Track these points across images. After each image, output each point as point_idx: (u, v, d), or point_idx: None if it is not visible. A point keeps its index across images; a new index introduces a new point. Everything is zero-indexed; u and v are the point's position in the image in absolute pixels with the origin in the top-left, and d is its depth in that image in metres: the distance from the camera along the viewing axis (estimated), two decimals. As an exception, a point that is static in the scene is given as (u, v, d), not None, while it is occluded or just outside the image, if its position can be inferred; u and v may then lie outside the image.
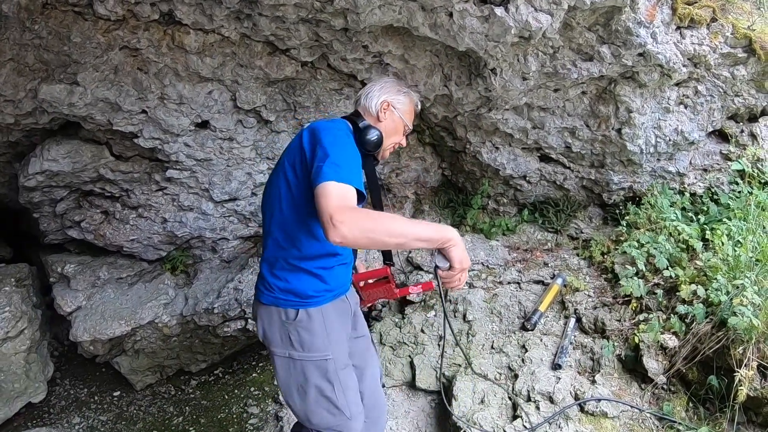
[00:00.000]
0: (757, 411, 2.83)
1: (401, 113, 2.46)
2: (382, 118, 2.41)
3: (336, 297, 2.34)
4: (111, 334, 4.05)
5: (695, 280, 3.33)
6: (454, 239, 1.97)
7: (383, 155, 2.50)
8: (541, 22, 3.23)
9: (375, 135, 2.32)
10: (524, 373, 3.39)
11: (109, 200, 4.20)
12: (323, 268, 2.24)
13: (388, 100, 2.42)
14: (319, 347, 2.21)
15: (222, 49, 3.54)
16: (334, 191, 1.85)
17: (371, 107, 2.41)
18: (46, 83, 3.36)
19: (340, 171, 1.90)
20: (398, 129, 2.47)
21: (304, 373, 2.21)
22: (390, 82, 2.50)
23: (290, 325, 2.19)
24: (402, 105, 2.46)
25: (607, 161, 4.22)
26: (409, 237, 1.90)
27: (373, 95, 2.43)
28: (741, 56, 3.66)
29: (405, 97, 2.48)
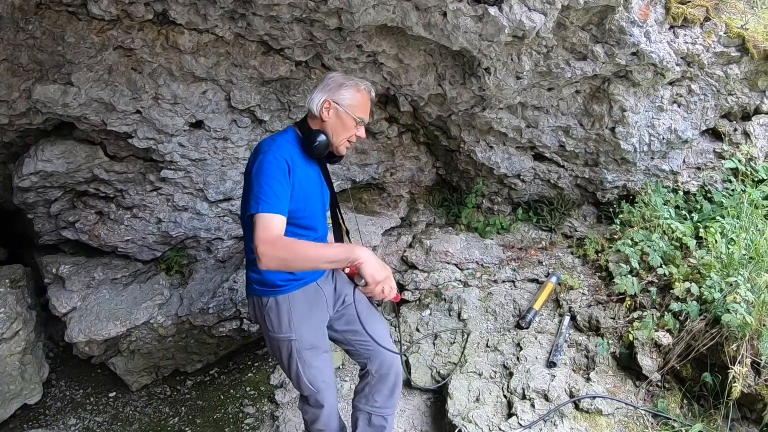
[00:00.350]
0: (752, 407, 2.85)
1: (347, 108, 2.45)
2: (326, 118, 2.44)
3: (305, 285, 2.53)
4: (106, 335, 4.04)
5: (689, 278, 3.35)
6: (361, 257, 2.17)
7: (338, 151, 2.54)
8: (535, 21, 3.24)
9: (318, 140, 2.41)
10: (519, 371, 3.40)
11: (103, 201, 4.19)
12: None
13: (329, 98, 2.43)
14: (284, 329, 2.47)
15: (216, 49, 3.54)
16: (259, 224, 2.16)
17: (313, 109, 2.45)
18: (40, 83, 3.35)
19: (261, 202, 2.18)
20: (347, 125, 2.47)
21: (279, 349, 2.52)
22: (333, 78, 2.49)
23: (263, 310, 2.48)
24: (347, 99, 2.44)
25: (600, 160, 4.24)
26: (320, 261, 2.24)
27: (314, 96, 2.46)
28: (734, 55, 3.68)
29: (349, 91, 2.46)
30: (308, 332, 2.53)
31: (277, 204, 2.21)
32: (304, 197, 2.40)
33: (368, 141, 4.57)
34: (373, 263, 2.18)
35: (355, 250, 2.19)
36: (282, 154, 2.31)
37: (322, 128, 2.46)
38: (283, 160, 2.29)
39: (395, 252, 4.71)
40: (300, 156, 2.44)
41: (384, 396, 2.78)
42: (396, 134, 4.64)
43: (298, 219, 2.41)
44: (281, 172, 2.26)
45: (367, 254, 2.19)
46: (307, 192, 2.43)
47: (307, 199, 2.43)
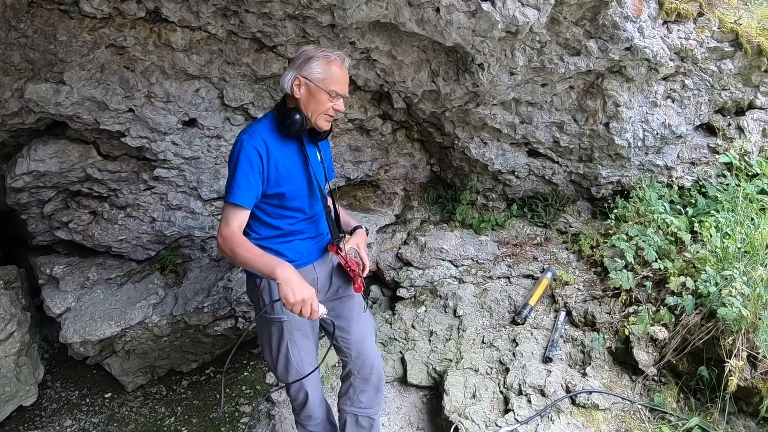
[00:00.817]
0: (748, 401, 2.85)
1: (317, 82, 2.33)
2: (297, 95, 2.36)
3: (299, 267, 2.45)
4: (101, 335, 4.02)
5: (684, 272, 3.36)
6: (279, 277, 2.14)
7: (318, 126, 2.45)
8: (528, 16, 3.24)
9: (290, 118, 2.36)
10: (515, 366, 3.40)
11: (97, 200, 4.17)
12: (281, 243, 2.51)
13: (298, 74, 2.34)
14: (276, 310, 2.48)
15: (209, 47, 3.53)
16: (223, 214, 2.32)
17: (285, 87, 2.38)
18: (32, 82, 3.34)
19: (228, 192, 2.30)
20: (320, 100, 2.37)
21: (268, 330, 2.55)
22: (303, 53, 2.41)
23: (257, 291, 2.52)
24: (316, 73, 2.34)
25: (595, 155, 4.24)
26: (250, 267, 2.28)
27: (286, 74, 2.39)
28: (728, 50, 3.69)
29: (318, 63, 2.34)
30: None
31: (239, 195, 2.28)
32: (285, 179, 2.40)
33: (362, 138, 4.56)
34: (291, 284, 2.13)
35: (276, 269, 2.16)
36: (253, 142, 2.32)
37: (297, 106, 2.39)
38: (252, 149, 2.30)
39: (390, 249, 4.70)
40: (277, 138, 2.40)
41: (369, 396, 2.79)
42: (390, 131, 4.63)
43: (283, 201, 2.44)
44: (247, 161, 2.29)
45: (286, 275, 2.16)
46: (288, 174, 2.41)
47: (289, 180, 2.41)
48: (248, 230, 2.44)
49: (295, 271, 2.19)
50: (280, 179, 2.39)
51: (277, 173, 2.37)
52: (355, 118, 4.33)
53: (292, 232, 2.53)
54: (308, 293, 2.16)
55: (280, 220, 2.49)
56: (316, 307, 2.20)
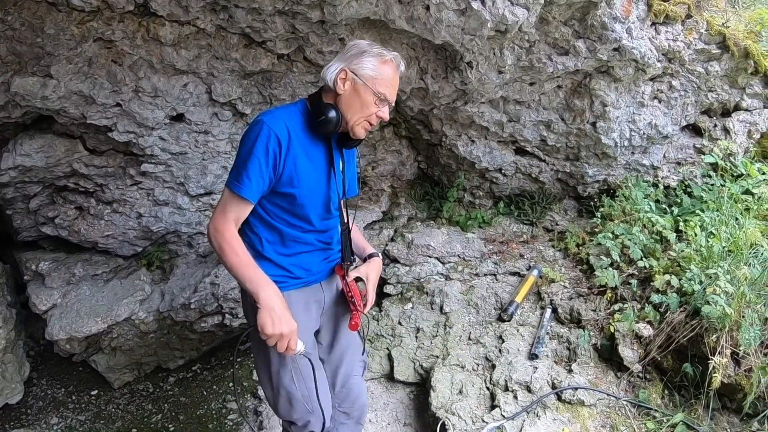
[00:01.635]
0: (732, 397, 2.90)
1: (366, 79, 2.08)
2: (340, 90, 2.10)
3: (306, 285, 2.30)
4: (87, 332, 3.98)
5: (669, 270, 3.40)
6: (262, 301, 1.94)
7: (354, 132, 2.18)
8: (518, 15, 3.26)
9: (326, 114, 2.09)
10: (501, 363, 3.42)
11: (83, 195, 4.13)
12: (284, 255, 2.22)
13: (346, 67, 2.09)
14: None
15: (197, 41, 3.51)
16: (221, 200, 2.08)
17: (327, 79, 2.12)
18: (18, 76, 3.29)
19: (233, 178, 2.05)
20: (365, 101, 2.10)
21: (267, 355, 2.22)
22: (356, 45, 2.14)
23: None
24: (368, 70, 2.08)
25: (582, 154, 4.27)
26: (234, 273, 2.02)
27: (331, 65, 2.14)
28: (715, 52, 3.73)
29: (372, 60, 2.09)
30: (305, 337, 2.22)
31: (248, 187, 2.02)
32: (299, 181, 2.11)
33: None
34: (272, 313, 1.93)
35: (260, 289, 1.95)
36: (276, 128, 2.03)
37: (336, 103, 2.12)
38: (273, 136, 2.01)
39: (377, 246, 4.71)
40: (303, 132, 2.13)
41: (348, 429, 2.54)
42: (378, 128, 4.64)
43: (291, 206, 2.15)
44: (264, 148, 2.01)
45: (270, 302, 1.94)
46: (304, 175, 2.12)
47: (303, 184, 2.12)
48: (247, 229, 2.21)
49: (281, 298, 1.99)
50: (294, 179, 2.10)
51: (293, 171, 2.09)
52: (343, 115, 4.33)
53: (297, 241, 2.24)
54: (288, 328, 1.95)
55: (283, 225, 2.20)
56: (294, 344, 2.00)
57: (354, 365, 2.52)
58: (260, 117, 2.05)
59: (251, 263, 2.01)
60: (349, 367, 2.49)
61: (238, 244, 2.01)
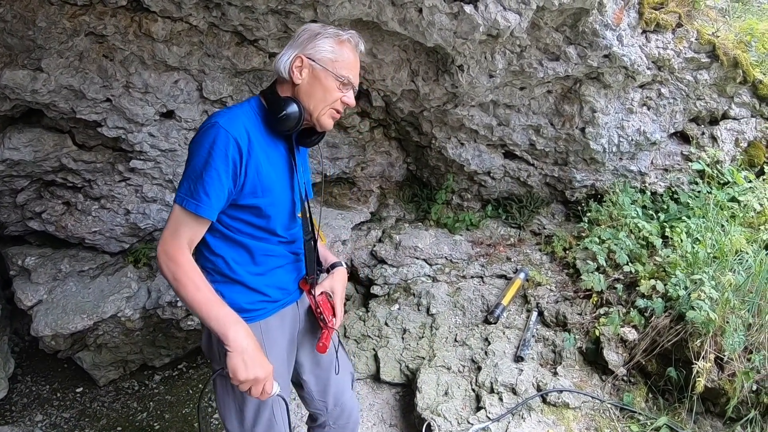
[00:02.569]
0: (715, 401, 2.93)
1: (325, 63, 1.84)
2: (298, 80, 1.85)
3: (282, 307, 2.06)
4: (73, 329, 3.95)
5: (654, 276, 3.43)
6: (231, 343, 1.69)
7: (321, 123, 1.93)
8: (510, 21, 3.28)
9: (286, 110, 1.83)
10: (487, 365, 3.44)
11: (71, 191, 4.10)
12: (257, 275, 1.96)
13: (301, 54, 1.84)
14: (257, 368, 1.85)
15: (189, 38, 3.50)
16: (171, 219, 1.76)
17: (281, 70, 1.87)
18: (9, 68, 3.27)
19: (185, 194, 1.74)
20: (328, 86, 1.86)
21: (242, 394, 1.91)
22: (308, 29, 1.90)
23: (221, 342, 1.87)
24: (326, 53, 1.84)
25: (570, 159, 4.31)
26: (195, 310, 1.73)
27: (283, 53, 1.88)
28: (704, 61, 3.78)
29: (330, 41, 1.85)
30: (283, 369, 2.03)
31: (205, 203, 1.73)
32: (263, 190, 1.85)
33: (339, 135, 4.57)
34: (244, 356, 1.70)
35: (229, 330, 1.69)
36: (234, 131, 1.74)
37: (294, 95, 1.88)
38: (232, 141, 1.73)
39: (365, 246, 4.71)
40: (262, 133, 1.87)
41: None
42: (368, 129, 4.64)
43: (256, 218, 1.90)
44: (223, 157, 1.72)
45: (241, 343, 1.70)
46: (269, 183, 1.86)
47: (268, 192, 1.87)
48: (206, 251, 1.91)
49: (252, 337, 1.75)
50: (258, 188, 1.84)
51: (256, 179, 1.82)
52: (333, 115, 4.33)
53: (269, 255, 1.97)
54: (263, 372, 1.73)
55: (248, 239, 1.92)
56: (269, 388, 1.79)
57: (343, 382, 2.36)
58: (214, 119, 1.76)
59: (215, 299, 1.74)
60: (340, 384, 2.33)
61: (196, 275, 1.74)
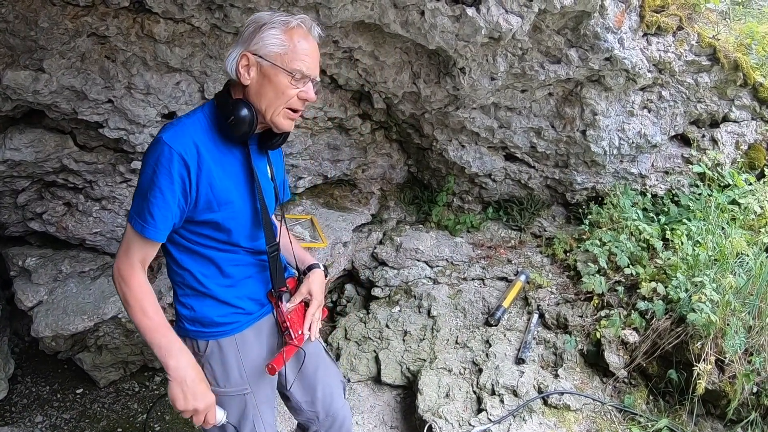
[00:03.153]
0: (716, 404, 2.94)
1: (273, 59, 1.68)
2: (246, 80, 1.71)
3: (258, 319, 1.99)
4: (74, 330, 3.94)
5: (655, 278, 3.44)
6: (171, 372, 1.67)
7: (278, 125, 1.78)
8: (512, 23, 3.29)
9: (236, 114, 1.70)
10: (488, 367, 3.44)
11: (72, 192, 4.10)
12: (228, 287, 1.89)
13: (246, 51, 1.69)
14: (234, 382, 1.90)
15: (192, 40, 3.50)
16: (124, 238, 1.72)
17: (229, 70, 1.74)
18: (10, 69, 3.26)
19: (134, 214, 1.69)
20: (279, 84, 1.70)
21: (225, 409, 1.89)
22: (254, 20, 1.73)
23: (202, 358, 1.88)
24: (273, 46, 1.67)
25: (571, 161, 4.31)
26: (141, 333, 1.71)
27: (231, 53, 1.74)
28: (705, 64, 3.79)
29: (276, 32, 1.68)
30: (264, 380, 1.97)
31: (151, 225, 1.66)
32: (219, 204, 1.76)
33: (341, 137, 4.57)
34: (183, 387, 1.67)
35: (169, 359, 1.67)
36: (179, 146, 1.65)
37: (245, 96, 1.75)
38: (176, 157, 1.63)
39: (365, 248, 4.72)
40: (214, 142, 1.75)
41: None
42: (369, 131, 4.65)
43: (216, 233, 1.81)
44: (167, 176, 1.63)
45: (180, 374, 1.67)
46: (225, 195, 1.76)
47: (225, 205, 1.77)
48: (173, 265, 1.86)
49: (195, 368, 1.72)
50: (213, 202, 1.74)
51: (210, 193, 1.73)
52: (334, 117, 4.33)
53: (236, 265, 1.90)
54: (203, 403, 1.71)
55: (213, 251, 1.84)
56: (211, 418, 1.76)
57: (333, 390, 2.25)
58: (159, 134, 1.68)
59: (160, 325, 1.69)
60: (328, 393, 2.21)
61: (145, 298, 1.69)
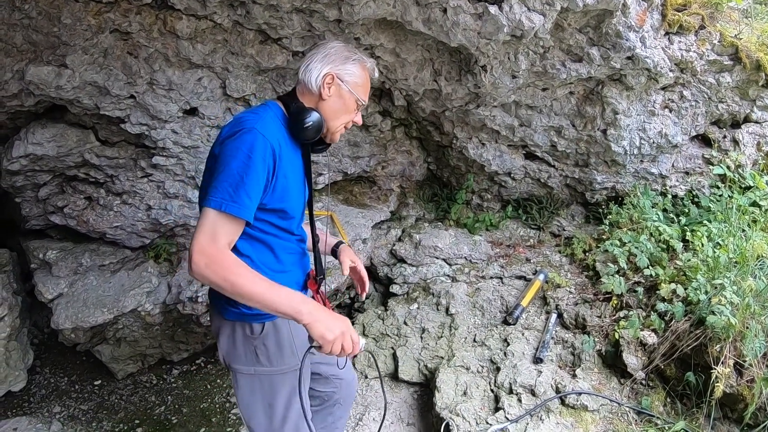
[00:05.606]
0: (733, 407, 2.92)
1: (351, 86, 2.04)
2: (326, 95, 2.01)
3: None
4: (93, 322, 3.99)
5: (675, 279, 3.41)
6: (307, 316, 1.70)
7: (333, 137, 2.12)
8: (534, 22, 3.27)
9: (310, 120, 1.96)
10: (506, 366, 3.44)
11: (93, 186, 4.14)
12: (280, 272, 2.04)
13: (332, 72, 2.00)
14: (288, 360, 2.04)
15: (214, 36, 3.52)
16: (207, 223, 1.72)
17: (311, 83, 2.01)
18: (33, 65, 3.30)
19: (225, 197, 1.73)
20: (348, 106, 2.07)
21: (272, 389, 2.03)
22: (336, 48, 2.05)
23: (256, 340, 2.00)
24: (352, 76, 2.04)
25: (591, 161, 4.29)
26: (257, 302, 1.70)
27: (312, 67, 2.01)
28: (727, 64, 3.75)
29: (355, 66, 2.05)
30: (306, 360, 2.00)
31: (246, 205, 1.76)
32: (287, 195, 1.96)
33: (361, 134, 4.57)
34: (323, 321, 1.70)
35: (301, 305, 1.70)
36: (271, 138, 1.84)
37: (317, 107, 2.02)
38: (269, 148, 1.82)
39: (384, 245, 4.73)
40: (285, 138, 1.96)
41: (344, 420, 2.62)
42: (389, 128, 4.65)
43: (280, 220, 1.99)
44: (263, 162, 1.79)
45: (315, 314, 1.71)
46: (291, 188, 1.97)
47: (290, 196, 1.98)
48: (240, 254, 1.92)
49: (315, 303, 1.78)
50: (285, 193, 1.94)
51: (285, 183, 1.93)
52: (355, 114, 4.34)
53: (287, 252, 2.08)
54: (345, 324, 1.77)
55: (271, 237, 2.00)
56: (356, 338, 1.80)
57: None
58: (250, 125, 1.83)
59: (272, 284, 1.73)
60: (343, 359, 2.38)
61: (245, 269, 1.72)
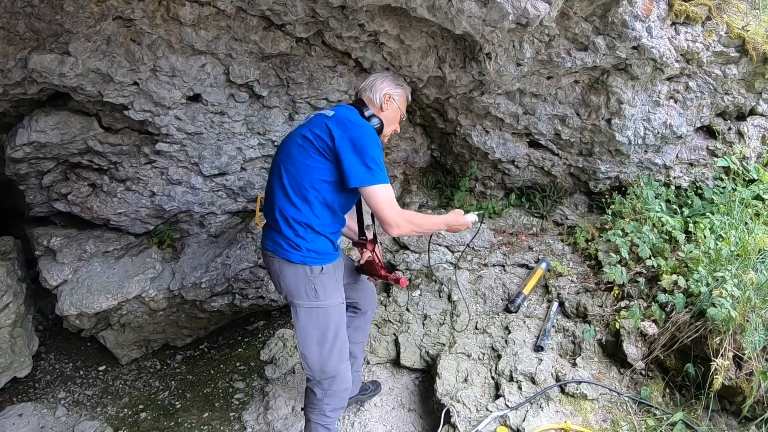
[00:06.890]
0: (731, 400, 2.94)
1: (399, 104, 2.86)
2: (385, 109, 2.80)
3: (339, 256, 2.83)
4: (98, 308, 4.02)
5: (676, 271, 3.42)
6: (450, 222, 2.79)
7: (383, 139, 2.80)
8: (539, 9, 3.25)
9: (378, 123, 2.76)
10: (507, 353, 3.47)
11: (96, 173, 4.15)
12: (334, 233, 2.72)
13: (389, 92, 2.80)
14: (336, 295, 2.70)
15: (217, 22, 3.50)
16: (386, 197, 2.46)
17: (375, 99, 2.80)
18: (36, 52, 3.29)
19: (380, 174, 2.46)
20: (396, 118, 2.89)
21: (326, 319, 2.66)
22: (389, 77, 2.88)
23: (316, 279, 2.61)
24: (399, 97, 2.86)
25: (595, 150, 4.28)
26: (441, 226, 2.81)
27: (377, 88, 2.81)
28: (733, 55, 3.73)
29: (401, 90, 2.88)
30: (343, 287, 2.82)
31: (387, 176, 2.50)
32: None
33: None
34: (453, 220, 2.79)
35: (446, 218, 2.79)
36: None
37: (379, 116, 2.78)
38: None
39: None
40: None
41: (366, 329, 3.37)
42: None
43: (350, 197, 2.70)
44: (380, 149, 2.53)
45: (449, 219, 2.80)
46: None
47: None
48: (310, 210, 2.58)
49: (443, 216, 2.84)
50: None
51: None
52: (358, 101, 4.33)
53: (338, 221, 2.73)
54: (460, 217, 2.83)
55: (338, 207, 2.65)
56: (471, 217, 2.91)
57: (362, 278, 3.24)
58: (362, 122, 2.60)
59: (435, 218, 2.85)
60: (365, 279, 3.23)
61: (419, 216, 2.68)
